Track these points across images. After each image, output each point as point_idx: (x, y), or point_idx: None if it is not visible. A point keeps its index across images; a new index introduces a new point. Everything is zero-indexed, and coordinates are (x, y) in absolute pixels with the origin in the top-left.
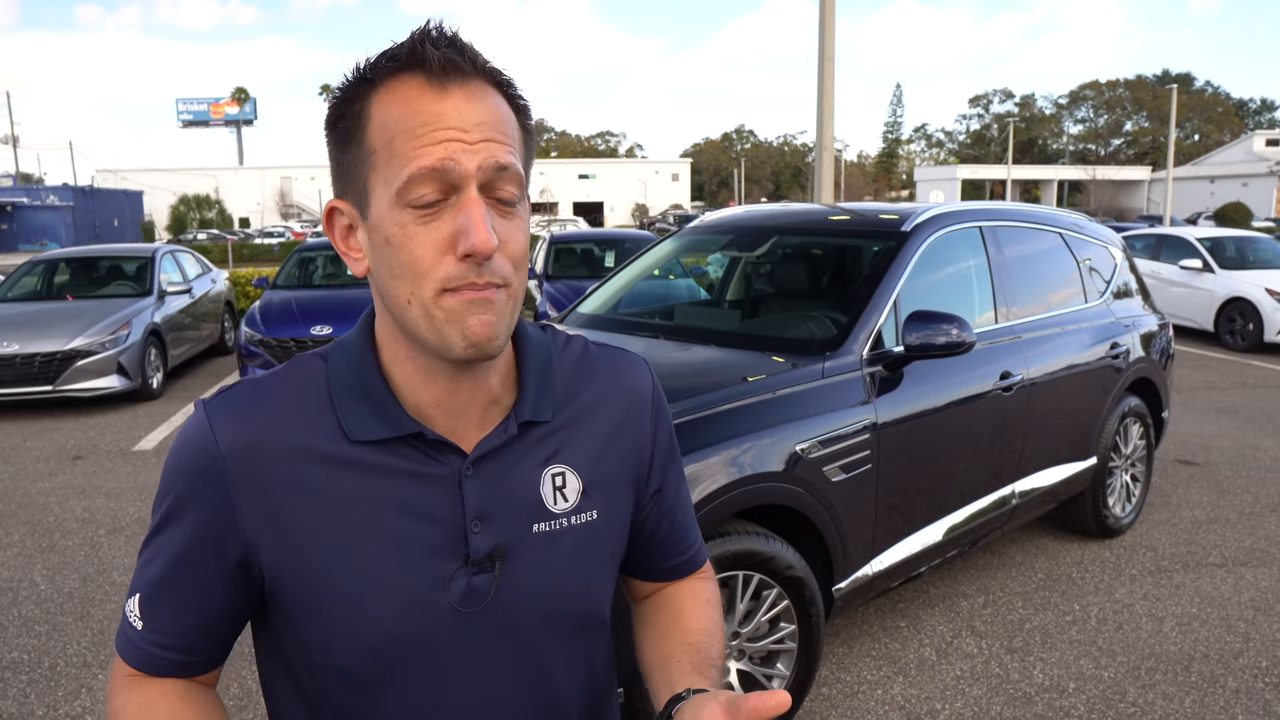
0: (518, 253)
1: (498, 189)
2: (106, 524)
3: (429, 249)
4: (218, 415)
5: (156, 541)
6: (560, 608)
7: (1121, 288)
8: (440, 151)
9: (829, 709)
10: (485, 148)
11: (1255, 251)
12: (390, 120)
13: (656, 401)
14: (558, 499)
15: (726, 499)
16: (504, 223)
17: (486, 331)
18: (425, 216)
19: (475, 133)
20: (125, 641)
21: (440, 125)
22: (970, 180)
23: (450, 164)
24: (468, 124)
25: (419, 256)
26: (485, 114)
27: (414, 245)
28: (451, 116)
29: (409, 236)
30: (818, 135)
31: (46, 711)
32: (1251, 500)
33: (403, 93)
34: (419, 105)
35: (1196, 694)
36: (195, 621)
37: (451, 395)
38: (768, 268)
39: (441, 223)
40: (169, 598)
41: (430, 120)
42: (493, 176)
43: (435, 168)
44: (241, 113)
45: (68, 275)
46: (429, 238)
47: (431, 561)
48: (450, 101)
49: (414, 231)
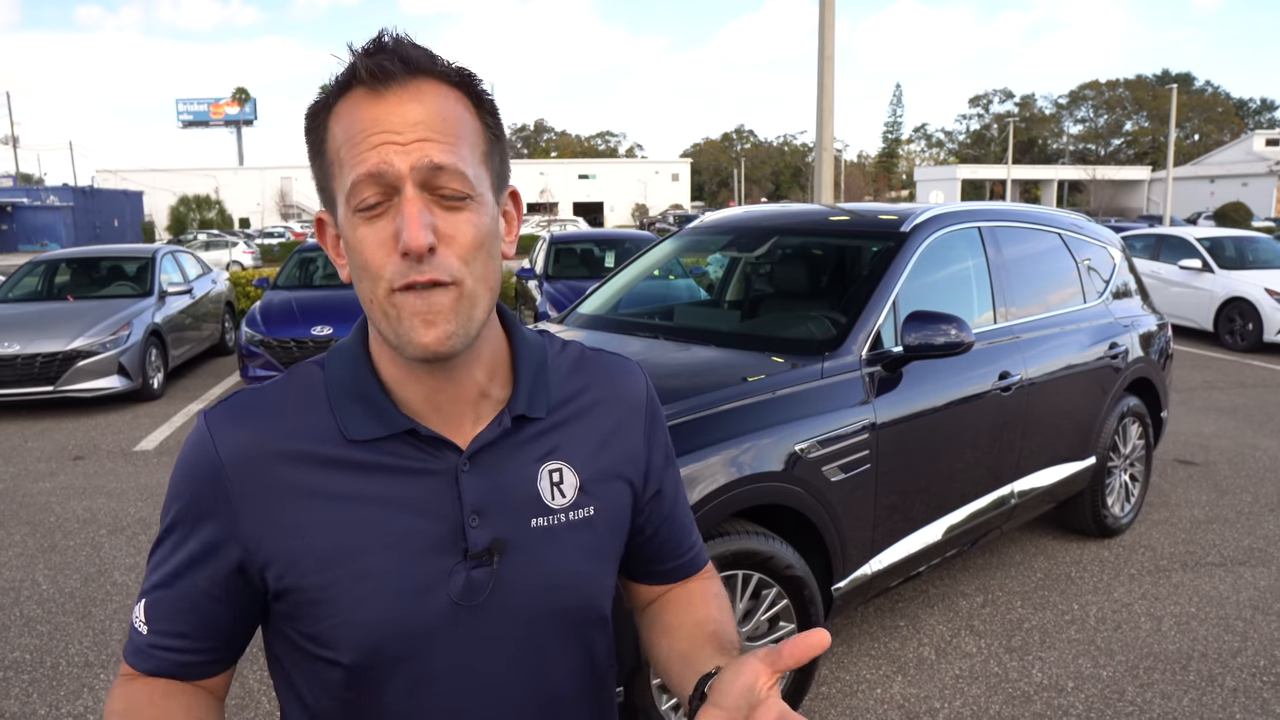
0: (466, 247)
1: (439, 186)
2: (108, 524)
3: (376, 249)
4: (218, 424)
5: (162, 549)
6: (559, 601)
7: (1120, 288)
8: (375, 156)
9: (828, 708)
10: (419, 147)
11: (1255, 251)
12: (339, 132)
13: (651, 406)
14: (555, 494)
15: (726, 498)
16: (449, 217)
17: (434, 335)
18: (370, 218)
19: (409, 133)
20: (131, 647)
21: (375, 130)
22: (970, 180)
23: (384, 167)
24: (402, 125)
25: (368, 257)
26: (422, 114)
27: (364, 247)
28: (385, 120)
29: (360, 239)
30: (817, 135)
31: (49, 711)
32: (1250, 500)
33: (348, 106)
34: (358, 114)
35: (1194, 693)
36: (199, 625)
37: (436, 392)
38: (767, 268)
39: (385, 222)
40: (173, 602)
41: (367, 127)
42: (429, 175)
43: (371, 172)
44: (241, 113)
45: (68, 276)
46: (375, 238)
47: (430, 556)
48: (385, 105)
49: (364, 233)
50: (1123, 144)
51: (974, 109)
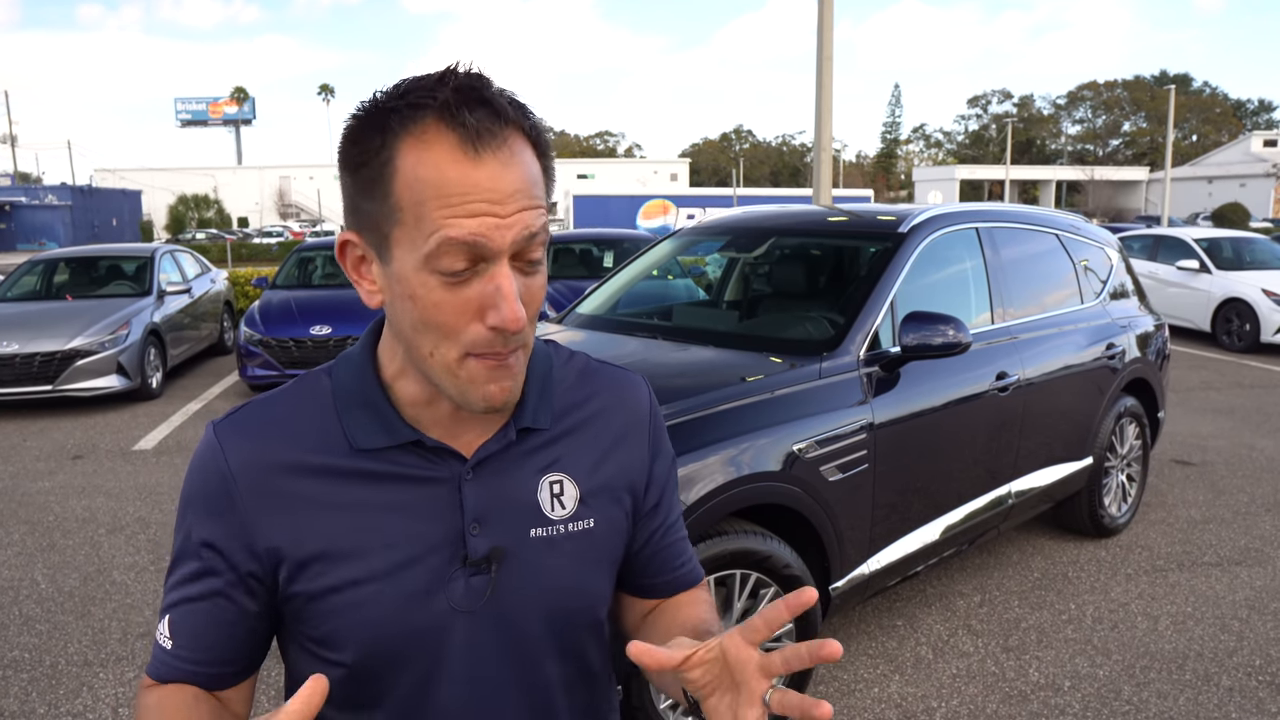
0: (536, 309)
1: (528, 254)
2: (106, 523)
3: (456, 315)
4: (226, 436)
5: (178, 563)
6: (555, 609)
7: (1118, 288)
8: (473, 225)
9: None
10: (519, 219)
11: (1252, 252)
12: (420, 181)
13: (655, 419)
14: (555, 506)
15: (724, 498)
16: (528, 281)
17: (504, 396)
18: (453, 284)
19: (509, 204)
20: (154, 661)
21: (475, 197)
22: (968, 180)
23: (483, 240)
24: (502, 195)
25: (444, 320)
26: (518, 180)
27: (440, 310)
28: (486, 189)
29: (435, 301)
30: (816, 136)
31: (48, 710)
32: (1247, 500)
33: (433, 153)
34: (451, 172)
35: (1191, 692)
36: (221, 636)
37: (453, 414)
38: (765, 268)
39: (469, 290)
40: (194, 615)
41: (466, 191)
42: (524, 246)
43: (467, 241)
44: (240, 112)
45: (67, 275)
46: (456, 303)
47: (431, 562)
48: (485, 170)
49: (441, 297)
50: (1121, 145)
51: (972, 109)
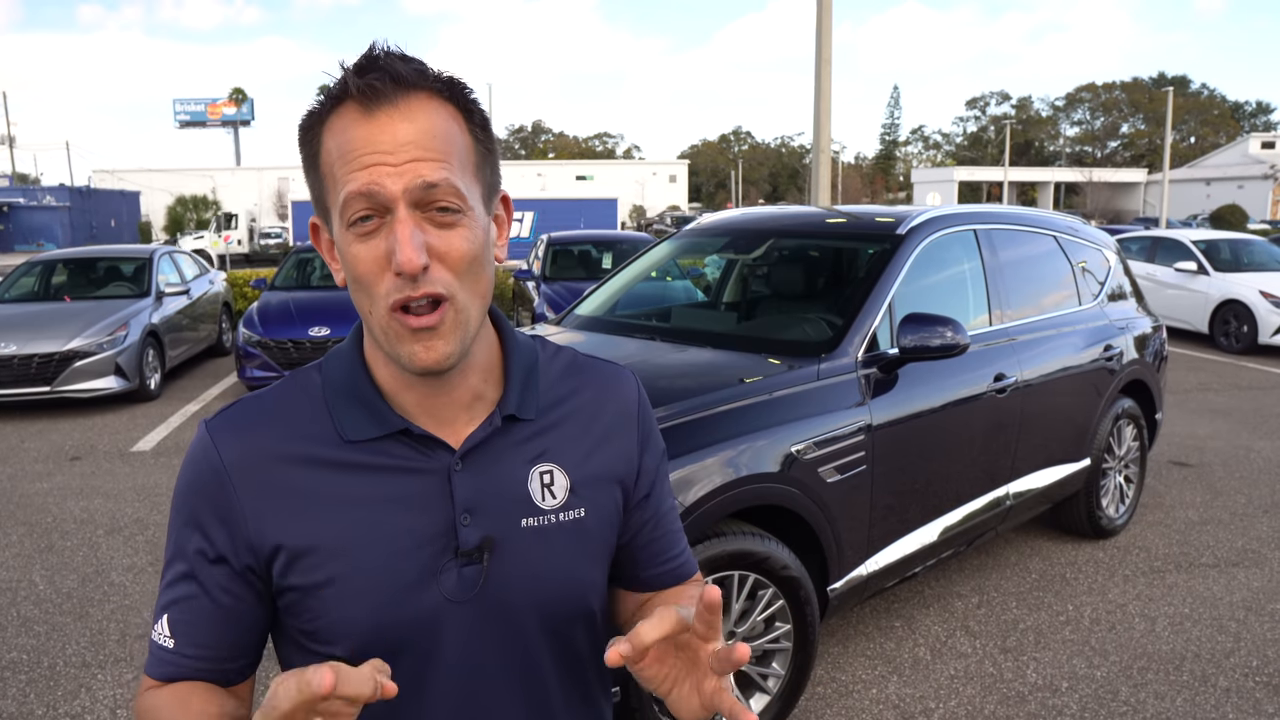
0: (458, 261)
1: (431, 203)
2: (105, 524)
3: (371, 265)
4: (219, 432)
5: (173, 561)
6: (548, 599)
7: (1115, 290)
8: (365, 177)
9: (824, 708)
10: (411, 168)
11: (1250, 254)
12: (332, 149)
13: (643, 411)
14: (545, 496)
15: (723, 499)
16: (443, 233)
17: (432, 356)
18: (363, 234)
19: (401, 153)
20: (154, 661)
21: (366, 150)
22: (967, 182)
23: (375, 188)
24: (394, 145)
25: (364, 272)
26: (414, 133)
27: (359, 262)
28: (377, 140)
29: (355, 254)
30: (815, 137)
31: (46, 711)
32: (1244, 501)
33: (341, 123)
34: (350, 133)
35: (1188, 693)
36: (221, 632)
37: (431, 396)
38: (764, 270)
39: (378, 240)
40: (192, 613)
41: (358, 146)
42: (422, 194)
43: (364, 191)
44: (239, 113)
45: (65, 276)
46: (369, 254)
47: (422, 553)
48: (377, 124)
49: (358, 249)
50: (1119, 146)
51: (971, 111)
